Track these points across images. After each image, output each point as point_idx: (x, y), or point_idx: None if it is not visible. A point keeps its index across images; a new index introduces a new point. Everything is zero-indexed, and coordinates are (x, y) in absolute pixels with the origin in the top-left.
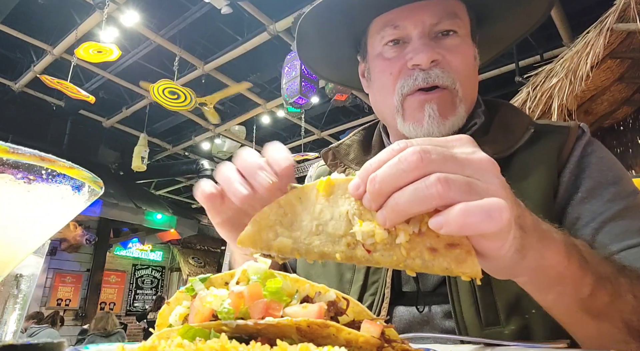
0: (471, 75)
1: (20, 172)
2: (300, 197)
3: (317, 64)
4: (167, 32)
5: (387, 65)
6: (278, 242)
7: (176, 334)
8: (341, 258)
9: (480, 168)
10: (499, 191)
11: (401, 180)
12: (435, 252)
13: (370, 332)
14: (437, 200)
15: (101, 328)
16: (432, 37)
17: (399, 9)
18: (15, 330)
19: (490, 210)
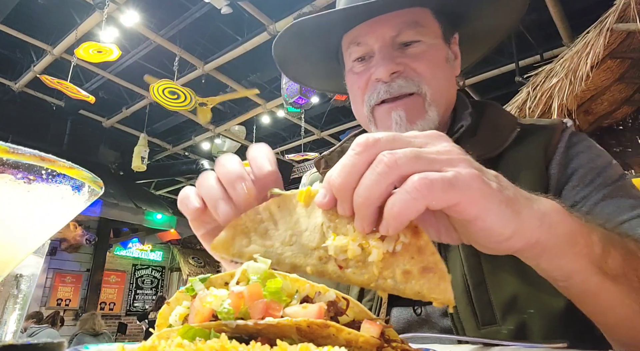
0: (442, 77)
1: (20, 172)
2: (280, 205)
3: (306, 79)
4: (167, 32)
5: (356, 79)
6: (250, 249)
7: (176, 334)
8: (312, 272)
9: (427, 137)
10: (450, 151)
11: (356, 165)
12: (409, 274)
13: (370, 332)
14: (389, 174)
15: (89, 328)
16: (394, 49)
17: (361, 25)
18: (15, 330)
19: (408, 189)
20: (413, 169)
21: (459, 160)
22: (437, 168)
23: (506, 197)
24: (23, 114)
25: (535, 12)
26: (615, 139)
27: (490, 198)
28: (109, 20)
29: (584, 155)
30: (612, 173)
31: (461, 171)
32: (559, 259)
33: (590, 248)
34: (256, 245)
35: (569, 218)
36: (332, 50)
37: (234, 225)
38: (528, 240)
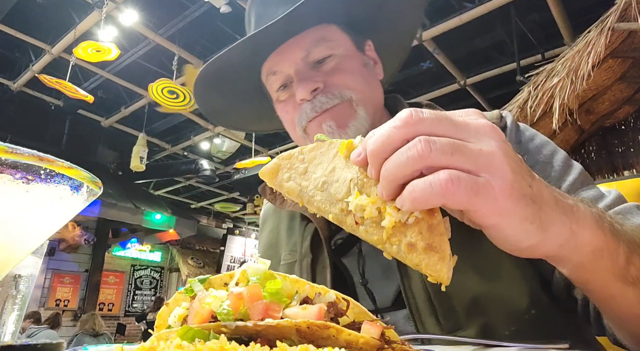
0: (362, 81)
1: (19, 172)
2: (322, 150)
3: (244, 124)
4: (166, 31)
5: (284, 106)
6: (289, 184)
7: (175, 335)
8: (333, 219)
9: (476, 131)
10: (494, 154)
11: (392, 138)
12: (413, 247)
13: (371, 333)
14: (418, 161)
15: (89, 329)
16: (309, 68)
17: (272, 54)
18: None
19: (432, 182)
20: (445, 163)
21: (499, 166)
22: (471, 170)
23: (533, 214)
24: (21, 114)
25: (536, 12)
26: (617, 139)
27: (513, 213)
28: (107, 19)
29: (534, 151)
30: (564, 167)
31: (494, 180)
32: (578, 270)
33: (615, 260)
34: (294, 182)
35: (600, 234)
36: (257, 88)
37: (281, 158)
38: (546, 253)
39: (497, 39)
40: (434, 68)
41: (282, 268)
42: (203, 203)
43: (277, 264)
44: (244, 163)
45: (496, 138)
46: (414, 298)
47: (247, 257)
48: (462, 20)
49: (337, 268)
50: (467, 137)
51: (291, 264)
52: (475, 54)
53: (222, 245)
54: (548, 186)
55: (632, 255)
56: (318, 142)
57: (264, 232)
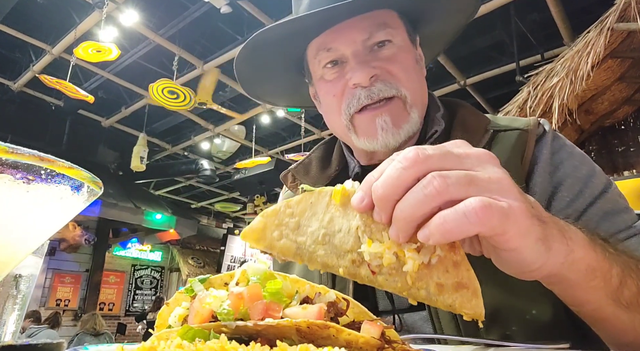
0: (416, 78)
1: (20, 172)
2: (312, 201)
3: (268, 95)
4: (167, 32)
5: (330, 87)
6: (282, 243)
7: (175, 335)
8: (344, 273)
9: (479, 160)
10: (502, 180)
11: (402, 179)
12: (442, 287)
13: (371, 333)
14: (437, 197)
15: (90, 328)
16: (368, 52)
17: (328, 31)
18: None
19: (465, 213)
20: (464, 195)
21: (510, 190)
22: (489, 197)
23: (543, 232)
24: (22, 114)
25: (536, 12)
26: (617, 139)
27: (531, 234)
28: (108, 19)
29: (568, 162)
30: (598, 183)
31: (513, 203)
32: (574, 290)
33: (608, 281)
34: (288, 239)
35: (592, 252)
36: (294, 60)
37: (265, 216)
38: (549, 272)
39: (497, 39)
40: (433, 68)
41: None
42: (203, 203)
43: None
44: (244, 163)
45: (496, 164)
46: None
47: (247, 257)
48: None
49: None
50: (473, 166)
51: None
52: (475, 54)
53: (223, 245)
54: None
55: (626, 278)
56: (305, 193)
57: None
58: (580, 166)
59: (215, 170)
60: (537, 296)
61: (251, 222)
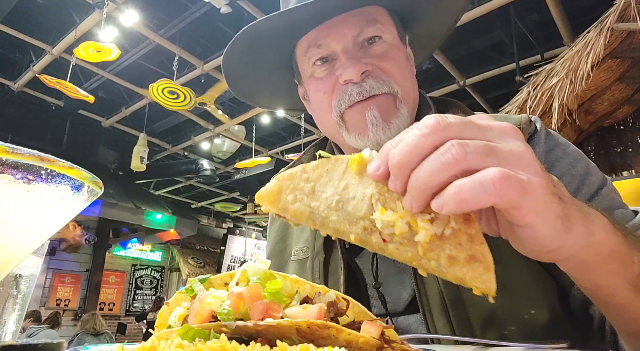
0: (407, 75)
1: (20, 172)
2: (328, 168)
3: (256, 96)
4: (167, 32)
5: (320, 84)
6: (295, 207)
7: (175, 335)
8: (355, 240)
9: (501, 132)
10: (523, 153)
11: (420, 147)
12: (454, 260)
13: (370, 333)
14: (454, 166)
15: (90, 328)
16: (358, 48)
17: (319, 27)
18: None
19: (482, 182)
20: (482, 165)
21: (531, 164)
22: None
23: (563, 212)
24: (22, 114)
25: (536, 12)
26: (616, 139)
27: (550, 212)
28: (108, 19)
29: (564, 160)
30: (595, 180)
31: (532, 178)
32: (591, 274)
33: (629, 267)
34: (302, 204)
35: (614, 237)
36: (283, 60)
37: (281, 179)
38: (568, 255)
39: (497, 40)
40: (433, 68)
41: (292, 264)
42: (203, 203)
43: (288, 258)
44: (244, 163)
45: (520, 138)
46: (428, 305)
47: (247, 257)
48: (461, 20)
49: (350, 269)
50: (494, 138)
51: (302, 261)
52: (474, 54)
53: (223, 245)
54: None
55: None
56: (322, 160)
57: (275, 225)
58: (576, 163)
59: (215, 170)
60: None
61: (267, 185)
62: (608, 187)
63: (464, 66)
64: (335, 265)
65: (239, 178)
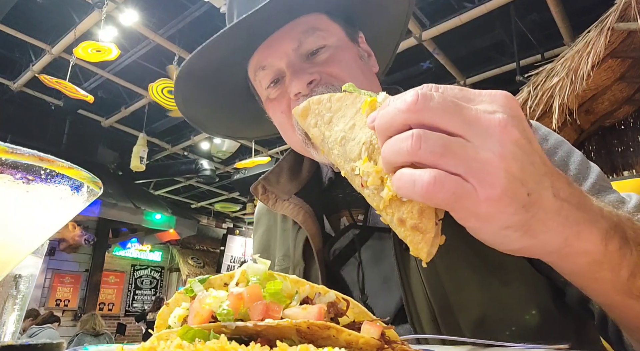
0: (360, 75)
1: (19, 172)
2: (347, 103)
3: (235, 130)
4: (166, 31)
5: (276, 105)
6: (313, 131)
7: (175, 335)
8: (345, 175)
9: (485, 130)
10: (490, 160)
11: (395, 121)
12: (403, 223)
13: (371, 333)
14: (406, 156)
15: (90, 328)
16: (303, 60)
17: (260, 48)
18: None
19: (415, 181)
20: (433, 164)
21: (493, 173)
22: (460, 173)
23: (522, 220)
24: (22, 114)
25: (536, 12)
26: (617, 139)
27: (495, 220)
28: (107, 19)
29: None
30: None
31: (481, 187)
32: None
33: (617, 273)
34: (319, 130)
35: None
36: (243, 89)
37: (310, 102)
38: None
39: (497, 39)
40: (433, 68)
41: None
42: (203, 203)
43: (272, 267)
44: (244, 163)
45: (505, 140)
46: (417, 313)
47: (247, 257)
48: (462, 20)
49: (334, 279)
50: (471, 135)
51: (285, 270)
52: (475, 54)
53: (222, 245)
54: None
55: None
56: (346, 93)
57: (258, 233)
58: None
59: (215, 170)
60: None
61: (305, 101)
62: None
63: (464, 66)
64: (316, 275)
65: (238, 178)
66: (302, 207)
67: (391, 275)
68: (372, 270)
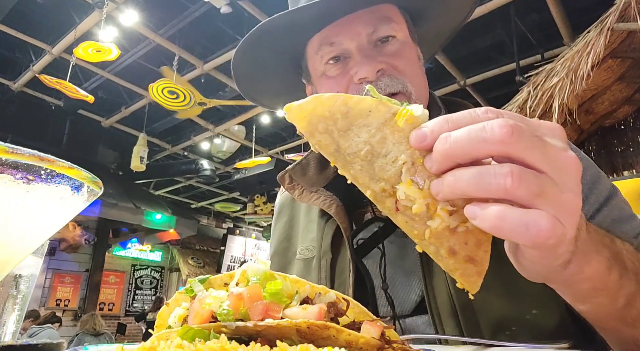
0: (419, 75)
1: (20, 172)
2: (371, 110)
3: (263, 97)
4: (167, 32)
5: (333, 83)
6: (323, 138)
7: (175, 335)
8: (370, 196)
9: (565, 170)
10: (572, 201)
11: (477, 149)
12: (454, 254)
13: (371, 333)
14: (501, 194)
15: (90, 328)
16: (372, 47)
17: (332, 25)
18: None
19: (529, 224)
20: (528, 203)
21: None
22: (552, 214)
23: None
24: (22, 114)
25: (536, 12)
26: (616, 139)
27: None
28: (108, 19)
29: None
30: (603, 189)
31: (568, 228)
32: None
33: (614, 301)
34: (331, 136)
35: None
36: (293, 58)
37: (317, 102)
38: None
39: (497, 39)
40: (433, 68)
41: (297, 262)
42: (203, 203)
43: (292, 257)
44: (244, 163)
45: (578, 180)
46: (437, 308)
47: (247, 257)
48: None
49: (358, 270)
50: (555, 173)
51: (308, 260)
52: (475, 54)
53: (223, 245)
54: (588, 225)
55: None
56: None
57: (279, 223)
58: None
59: (215, 170)
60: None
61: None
62: (617, 197)
63: (465, 66)
64: (343, 267)
65: (239, 178)
66: (334, 200)
67: (414, 270)
68: (395, 262)
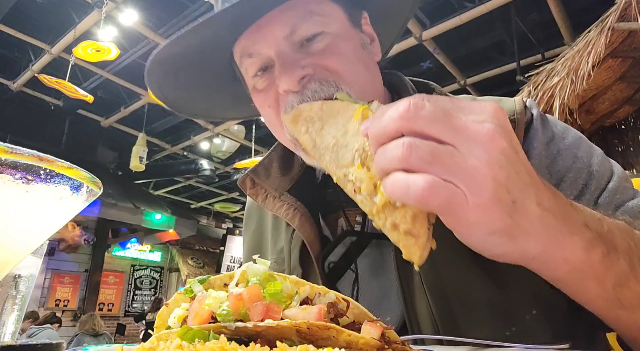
0: (361, 68)
1: (19, 172)
2: (339, 111)
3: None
4: (166, 31)
5: (263, 97)
6: (305, 137)
7: (175, 336)
8: (337, 181)
9: (473, 139)
10: (477, 168)
11: (388, 127)
12: (396, 228)
13: (371, 334)
14: (398, 163)
15: (89, 329)
16: (296, 49)
17: (246, 33)
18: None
19: (409, 185)
20: (423, 170)
21: (480, 180)
22: (449, 180)
23: (505, 227)
24: (21, 114)
25: (536, 12)
26: (617, 138)
27: (482, 226)
28: (107, 19)
29: (566, 153)
30: (603, 171)
31: (470, 194)
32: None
33: (602, 284)
34: (309, 136)
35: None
36: (228, 70)
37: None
38: (515, 262)
39: (497, 39)
40: (434, 68)
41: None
42: (203, 203)
43: None
44: (244, 163)
45: (492, 149)
46: (419, 330)
47: None
48: (462, 20)
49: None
50: (460, 143)
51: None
52: (475, 54)
53: (222, 245)
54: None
55: (629, 280)
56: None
57: (248, 232)
58: (578, 153)
59: (215, 170)
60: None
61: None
62: (618, 177)
63: (465, 65)
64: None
65: (238, 178)
66: (298, 208)
67: (390, 289)
68: (369, 285)
